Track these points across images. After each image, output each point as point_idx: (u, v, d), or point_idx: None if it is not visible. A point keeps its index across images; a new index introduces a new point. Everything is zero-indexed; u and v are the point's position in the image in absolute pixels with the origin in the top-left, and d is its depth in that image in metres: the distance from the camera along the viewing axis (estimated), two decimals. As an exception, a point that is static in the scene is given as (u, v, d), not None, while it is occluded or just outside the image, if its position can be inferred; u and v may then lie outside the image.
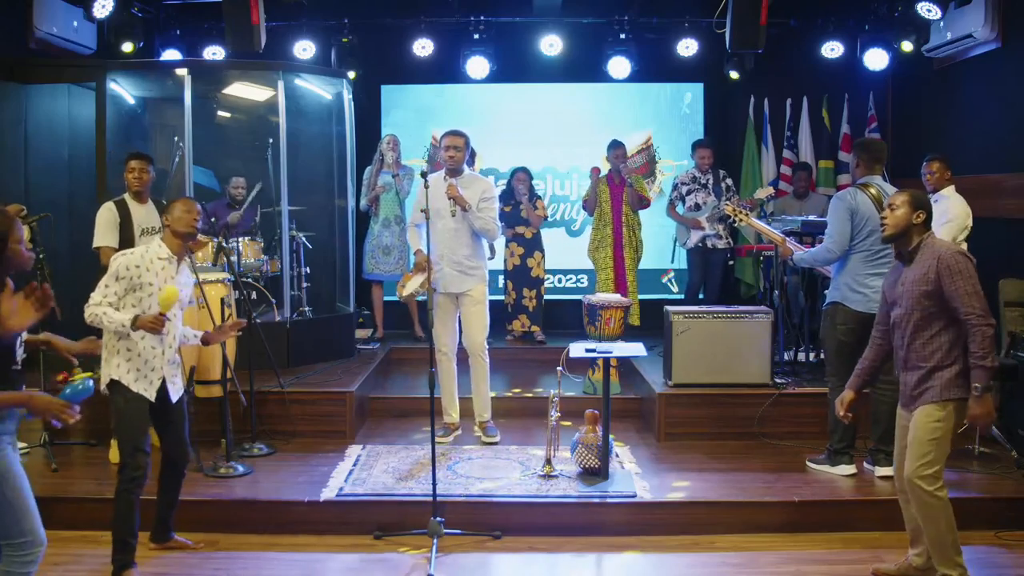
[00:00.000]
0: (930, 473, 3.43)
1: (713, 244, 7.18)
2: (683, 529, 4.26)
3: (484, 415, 5.41)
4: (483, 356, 5.34)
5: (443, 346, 5.33)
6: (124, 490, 3.65)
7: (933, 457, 3.42)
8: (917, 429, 3.47)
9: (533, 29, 7.66)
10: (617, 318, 5.57)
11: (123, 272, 3.67)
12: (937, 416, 3.43)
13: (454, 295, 5.28)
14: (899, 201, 3.54)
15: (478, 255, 5.33)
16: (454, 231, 5.20)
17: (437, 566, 3.83)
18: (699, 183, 7.20)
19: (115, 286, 3.67)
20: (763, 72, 7.88)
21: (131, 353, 3.70)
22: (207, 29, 7.56)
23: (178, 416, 3.89)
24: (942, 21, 6.63)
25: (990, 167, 6.29)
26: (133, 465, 3.65)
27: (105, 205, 5.06)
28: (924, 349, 3.48)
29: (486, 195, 5.25)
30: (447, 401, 5.45)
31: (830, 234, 4.63)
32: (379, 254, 7.23)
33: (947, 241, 3.52)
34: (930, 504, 3.43)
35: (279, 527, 4.26)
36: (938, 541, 3.45)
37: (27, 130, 6.41)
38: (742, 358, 5.46)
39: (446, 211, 5.16)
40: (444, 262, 5.22)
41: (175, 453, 3.91)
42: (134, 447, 3.67)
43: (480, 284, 5.32)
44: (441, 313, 5.29)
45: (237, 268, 5.75)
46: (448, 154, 5.20)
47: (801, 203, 7.38)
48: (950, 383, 3.43)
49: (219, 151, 7.16)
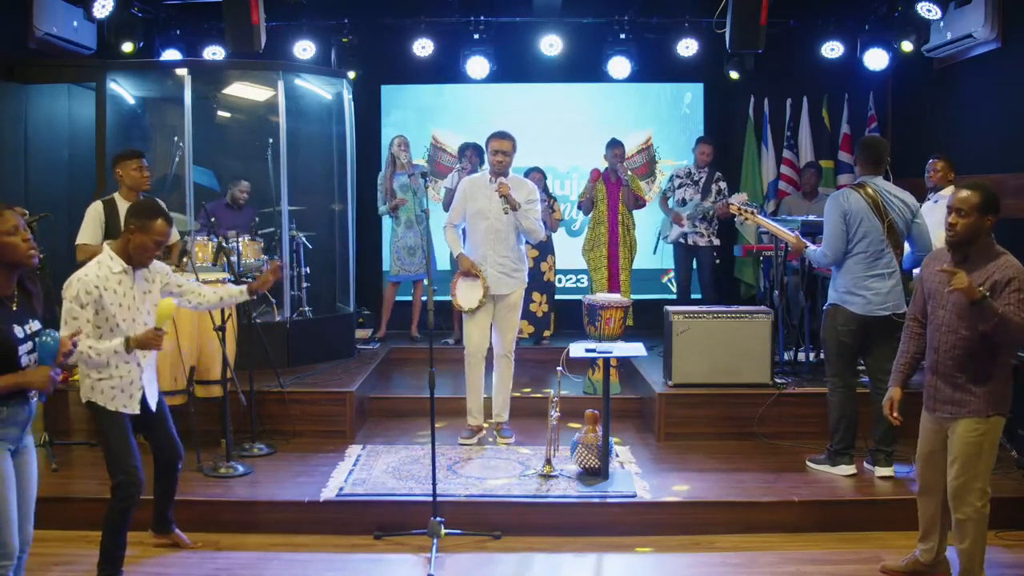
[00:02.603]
0: (978, 487, 3.37)
1: (695, 242, 7.18)
2: (683, 529, 4.26)
3: (503, 415, 5.39)
4: (511, 356, 5.31)
5: (476, 347, 5.22)
6: (120, 508, 3.55)
7: (980, 471, 3.37)
8: (962, 445, 3.38)
9: (533, 29, 7.67)
10: (617, 318, 5.56)
11: (85, 297, 3.42)
12: (981, 430, 3.36)
13: (495, 297, 5.20)
14: (968, 205, 3.31)
15: (522, 257, 5.28)
16: (499, 233, 5.13)
17: (437, 566, 3.83)
18: (692, 179, 7.23)
19: (83, 313, 3.41)
20: (763, 72, 7.88)
21: (102, 374, 3.54)
22: (207, 29, 7.56)
23: (161, 418, 3.81)
24: (942, 21, 6.63)
25: (990, 167, 6.29)
26: (127, 483, 3.53)
27: (94, 204, 5.02)
28: (966, 360, 3.37)
29: (531, 197, 5.21)
30: (473, 403, 5.33)
31: (825, 239, 4.61)
32: (404, 255, 7.21)
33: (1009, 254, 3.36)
34: (974, 520, 3.39)
35: (279, 527, 4.26)
36: (970, 553, 3.42)
37: (27, 130, 6.40)
38: (742, 358, 5.45)
39: (491, 212, 5.10)
40: (488, 263, 5.15)
41: (167, 454, 3.86)
42: (125, 464, 3.55)
43: (521, 287, 5.28)
44: (479, 313, 5.19)
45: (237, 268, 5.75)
46: (496, 158, 5.13)
47: (809, 203, 7.35)
48: (995, 397, 3.35)
49: (219, 151, 7.17)
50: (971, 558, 3.42)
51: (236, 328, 5.24)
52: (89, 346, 3.37)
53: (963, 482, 3.39)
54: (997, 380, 3.36)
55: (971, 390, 3.37)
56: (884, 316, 4.50)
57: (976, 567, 3.42)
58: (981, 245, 3.37)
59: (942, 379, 3.45)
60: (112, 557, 3.60)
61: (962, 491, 3.40)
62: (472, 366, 5.26)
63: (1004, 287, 3.27)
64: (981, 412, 3.36)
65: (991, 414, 3.36)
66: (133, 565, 3.82)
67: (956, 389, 3.41)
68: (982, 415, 3.36)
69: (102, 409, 3.57)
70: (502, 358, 5.31)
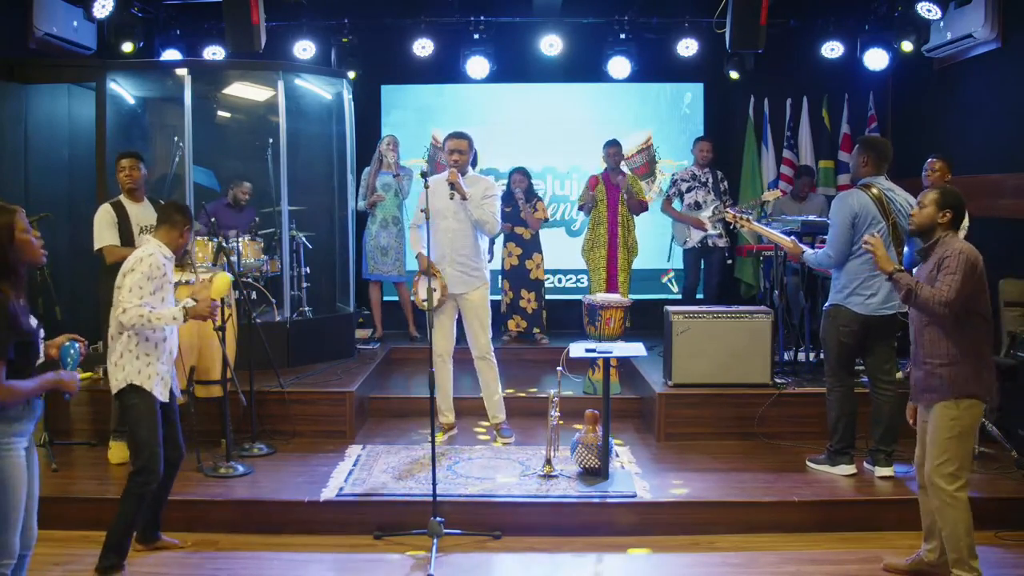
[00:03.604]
0: (950, 472, 3.43)
1: (714, 243, 7.18)
2: (683, 529, 4.26)
3: (499, 416, 5.40)
4: (490, 357, 5.33)
5: (441, 349, 5.29)
6: (137, 493, 3.67)
7: (951, 455, 3.43)
8: (934, 429, 3.48)
9: (533, 29, 7.67)
10: (617, 318, 5.57)
11: (155, 272, 3.71)
12: (952, 414, 3.44)
13: (455, 296, 5.27)
14: (928, 200, 3.58)
15: (480, 256, 5.32)
16: (455, 231, 5.20)
17: (437, 566, 3.83)
18: (699, 181, 7.19)
19: (148, 285, 3.70)
20: (763, 72, 7.88)
21: (150, 358, 3.75)
22: (207, 29, 7.56)
23: (175, 415, 3.93)
24: (942, 21, 6.63)
25: (990, 167, 6.29)
26: (151, 468, 3.68)
27: (102, 207, 5.06)
28: (932, 346, 3.50)
29: (488, 192, 5.26)
30: (442, 402, 5.43)
31: (831, 240, 4.61)
32: (377, 255, 7.23)
33: (961, 241, 3.54)
34: (948, 504, 3.43)
35: (279, 527, 4.26)
36: (954, 542, 3.44)
37: (27, 130, 6.40)
38: (742, 358, 5.45)
39: (447, 211, 5.15)
40: (446, 263, 5.20)
41: (174, 454, 3.91)
42: (153, 449, 3.70)
43: (482, 285, 5.31)
44: (440, 315, 5.28)
45: (237, 268, 5.75)
46: (452, 157, 5.17)
47: (800, 205, 7.41)
48: (961, 379, 3.43)
49: (219, 151, 7.16)
50: (955, 546, 3.44)
51: (236, 328, 5.23)
52: (151, 310, 3.66)
53: (935, 466, 3.46)
54: (965, 364, 3.45)
55: (939, 375, 3.48)
56: (888, 315, 4.52)
57: (964, 554, 3.43)
58: (940, 237, 3.56)
59: (917, 367, 3.59)
60: (118, 546, 3.66)
61: (934, 475, 3.46)
62: (438, 367, 5.26)
63: (940, 265, 3.47)
64: (949, 395, 3.45)
65: (960, 396, 3.44)
66: (132, 565, 3.82)
67: (928, 376, 3.53)
68: (950, 398, 3.45)
69: (146, 393, 3.72)
70: (480, 361, 5.33)
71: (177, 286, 4.27)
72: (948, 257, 3.45)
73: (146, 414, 3.72)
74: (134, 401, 3.72)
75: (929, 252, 3.58)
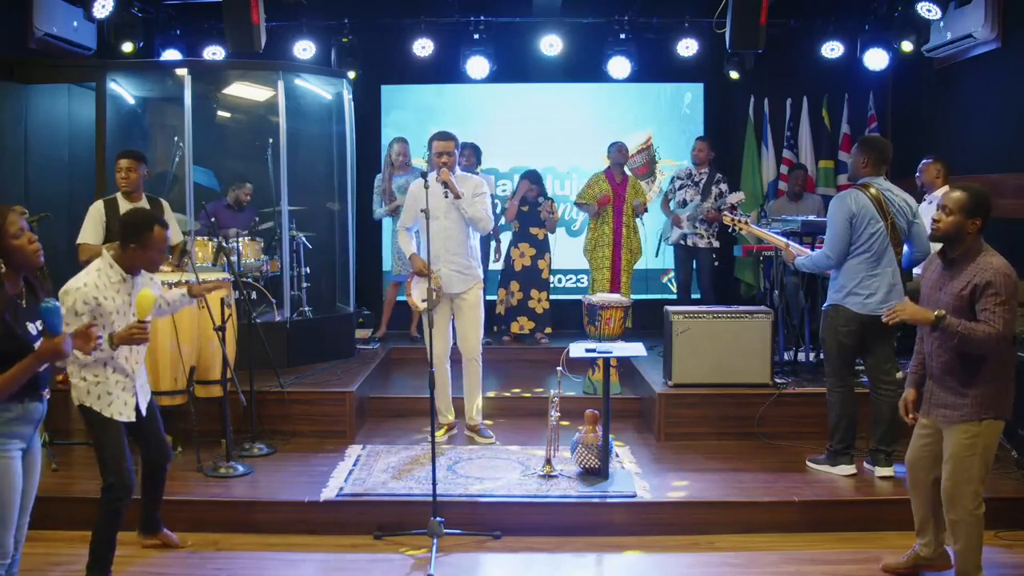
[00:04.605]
0: (971, 490, 3.36)
1: (694, 243, 7.19)
2: (683, 529, 4.26)
3: (476, 419, 5.39)
4: (478, 360, 5.34)
5: (439, 352, 5.25)
6: (111, 509, 3.54)
7: (972, 474, 3.36)
8: (954, 446, 3.39)
9: (533, 29, 7.67)
10: (617, 318, 5.57)
11: (81, 308, 3.41)
12: (973, 432, 3.35)
13: (449, 296, 5.27)
14: (953, 203, 3.31)
15: (473, 255, 5.32)
16: (448, 231, 5.18)
17: (437, 566, 3.83)
18: (692, 180, 7.23)
19: (75, 322, 3.35)
20: (763, 72, 7.89)
21: (99, 379, 3.54)
22: (207, 29, 7.57)
23: (151, 420, 3.79)
24: (942, 21, 6.64)
25: (990, 167, 6.29)
26: (119, 485, 3.52)
27: (95, 203, 5.07)
28: (955, 365, 3.37)
29: (479, 190, 5.25)
30: (441, 402, 5.38)
31: (829, 241, 4.60)
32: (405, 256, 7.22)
33: (996, 255, 3.32)
34: (967, 522, 3.39)
35: (279, 527, 4.26)
36: (965, 556, 3.42)
37: (27, 130, 6.41)
38: (742, 358, 5.45)
39: (439, 211, 5.12)
40: (441, 263, 5.19)
41: (156, 455, 3.85)
42: (116, 466, 3.54)
43: (477, 284, 5.31)
44: (436, 316, 5.23)
45: (237, 268, 5.75)
46: (441, 159, 5.14)
47: (796, 205, 7.42)
48: (987, 401, 3.33)
49: (219, 151, 7.17)
50: (965, 559, 3.42)
51: (236, 328, 5.24)
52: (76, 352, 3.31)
53: (955, 484, 3.39)
54: (990, 383, 3.34)
55: (963, 393, 3.36)
56: None
57: (971, 568, 3.42)
58: (967, 247, 3.36)
59: (936, 383, 3.47)
60: (102, 559, 3.58)
61: (954, 493, 3.40)
62: (436, 367, 5.20)
63: (983, 291, 3.26)
64: (973, 416, 3.34)
65: (984, 418, 3.34)
66: (131, 565, 3.83)
67: (948, 393, 3.41)
68: (974, 419, 3.34)
69: (96, 414, 3.55)
70: (470, 362, 5.32)
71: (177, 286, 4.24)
72: (993, 282, 3.22)
73: (103, 433, 3.55)
74: (93, 422, 3.57)
75: (957, 265, 3.35)
